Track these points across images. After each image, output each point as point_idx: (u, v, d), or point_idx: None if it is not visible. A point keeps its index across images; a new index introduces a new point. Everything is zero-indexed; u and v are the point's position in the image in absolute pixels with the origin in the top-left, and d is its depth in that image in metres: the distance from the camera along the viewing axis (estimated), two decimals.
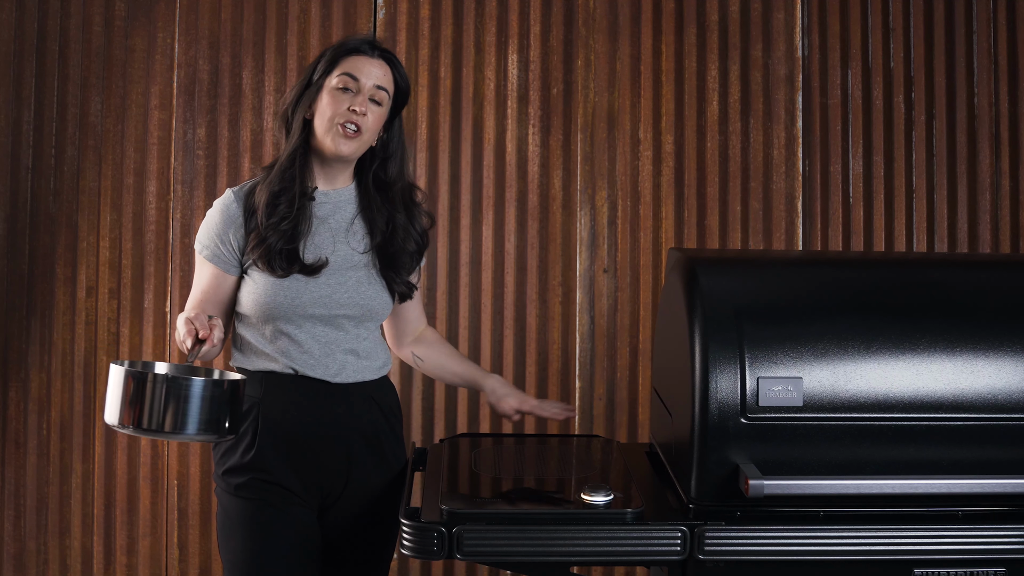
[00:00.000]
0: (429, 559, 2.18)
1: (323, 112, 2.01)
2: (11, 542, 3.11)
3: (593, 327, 3.15)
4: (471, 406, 3.14)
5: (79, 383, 3.10)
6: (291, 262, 1.99)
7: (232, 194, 2.05)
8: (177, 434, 1.67)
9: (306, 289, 1.99)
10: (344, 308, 2.03)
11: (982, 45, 3.16)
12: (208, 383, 1.68)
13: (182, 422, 1.65)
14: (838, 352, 1.75)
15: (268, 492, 1.97)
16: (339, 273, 2.03)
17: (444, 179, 3.14)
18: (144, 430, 1.65)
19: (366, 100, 2.01)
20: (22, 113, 3.09)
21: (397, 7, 3.14)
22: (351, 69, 2.01)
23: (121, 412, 1.65)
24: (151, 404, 1.64)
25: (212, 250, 2.02)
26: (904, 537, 1.72)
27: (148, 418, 1.64)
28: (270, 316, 2.00)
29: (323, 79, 2.02)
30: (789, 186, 3.16)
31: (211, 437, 1.72)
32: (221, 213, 2.04)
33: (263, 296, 1.99)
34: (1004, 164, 3.15)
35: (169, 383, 1.65)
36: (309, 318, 2.00)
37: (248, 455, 1.97)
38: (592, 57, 3.16)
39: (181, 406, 1.65)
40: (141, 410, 1.64)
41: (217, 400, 1.68)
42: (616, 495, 1.80)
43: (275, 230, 1.98)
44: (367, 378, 2.06)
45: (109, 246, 3.10)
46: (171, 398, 1.64)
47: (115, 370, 1.67)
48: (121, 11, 3.10)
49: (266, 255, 1.98)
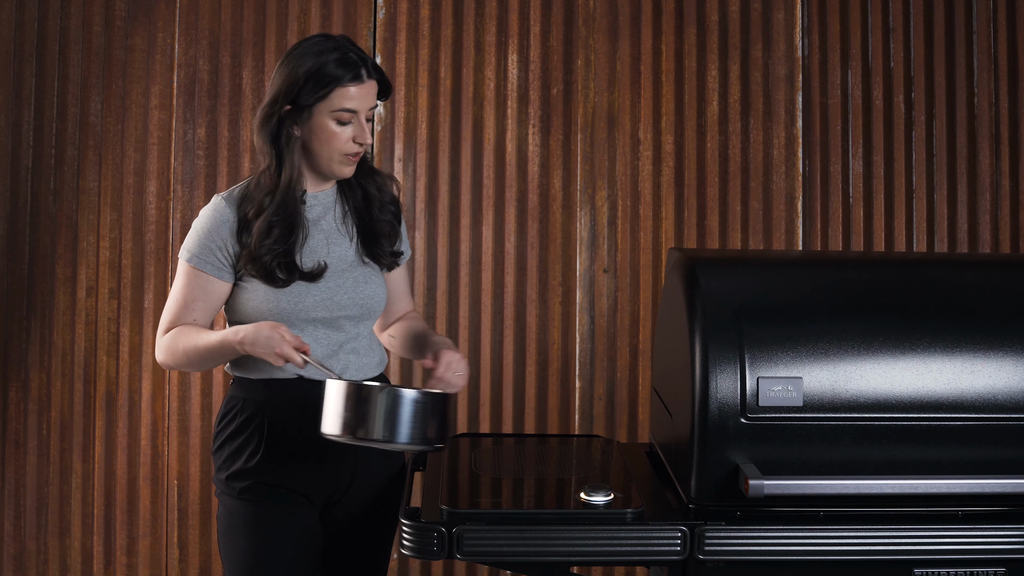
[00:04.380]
0: (429, 559, 2.18)
1: (325, 143, 1.94)
2: (11, 542, 3.11)
3: (593, 327, 3.15)
4: (471, 406, 3.14)
5: (79, 383, 3.10)
6: (290, 272, 1.95)
7: (223, 201, 1.98)
8: (390, 443, 1.80)
9: (308, 294, 1.98)
10: (345, 309, 2.02)
11: (982, 45, 3.16)
12: (419, 395, 1.81)
13: (394, 432, 1.78)
14: (838, 352, 1.75)
15: (273, 495, 1.97)
16: (338, 275, 2.02)
17: (444, 179, 3.14)
18: (360, 439, 1.79)
19: (365, 126, 1.95)
20: (22, 113, 3.09)
21: (397, 7, 3.14)
22: (348, 103, 1.92)
23: (342, 423, 1.78)
24: (368, 415, 1.78)
25: (204, 257, 1.96)
26: (904, 537, 1.72)
27: (366, 428, 1.78)
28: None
29: (316, 104, 1.92)
30: (789, 186, 3.16)
31: (419, 446, 1.83)
32: (212, 220, 1.97)
33: (264, 303, 1.96)
34: (1004, 164, 3.15)
35: (386, 395, 1.78)
36: (311, 322, 1.99)
37: (254, 460, 1.96)
38: (592, 57, 3.16)
39: (394, 416, 1.78)
40: (358, 420, 1.78)
41: (425, 411, 1.81)
42: (616, 495, 1.80)
43: (270, 250, 1.94)
44: (368, 376, 2.06)
45: (109, 246, 3.10)
46: (386, 409, 1.78)
47: (334, 384, 1.80)
48: (121, 11, 3.10)
49: (263, 270, 1.94)
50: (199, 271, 1.97)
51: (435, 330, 2.57)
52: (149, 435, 3.11)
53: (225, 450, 2.01)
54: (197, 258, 1.97)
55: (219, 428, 2.03)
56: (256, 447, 1.97)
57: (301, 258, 1.98)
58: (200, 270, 1.97)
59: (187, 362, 1.97)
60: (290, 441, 1.98)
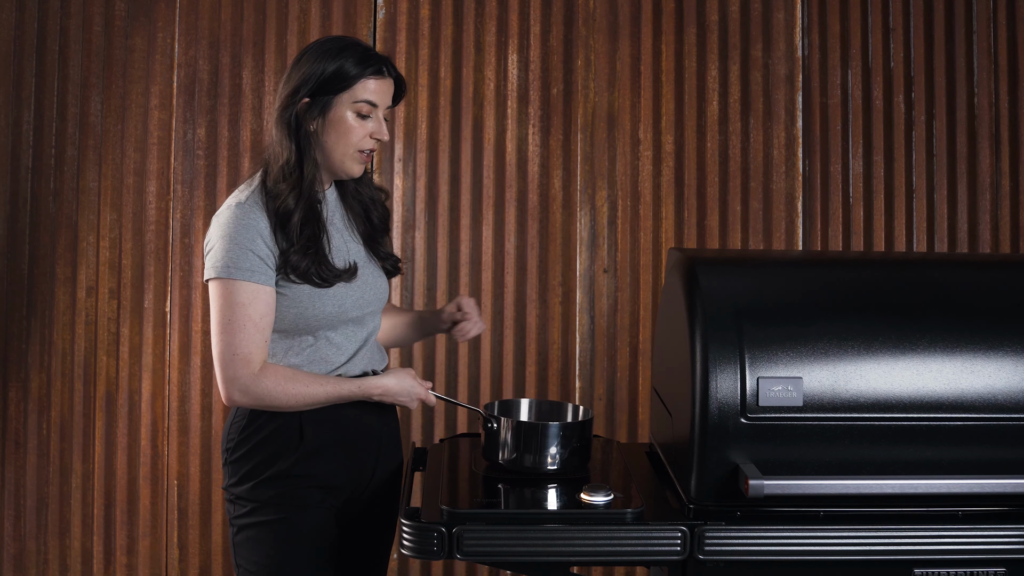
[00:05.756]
0: (429, 559, 2.18)
1: (342, 136, 1.92)
2: (11, 542, 3.11)
3: (593, 327, 3.15)
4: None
5: (79, 383, 3.10)
6: (332, 272, 1.92)
7: (248, 206, 1.89)
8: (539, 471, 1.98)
9: (347, 294, 1.96)
10: (371, 305, 2.03)
11: (982, 45, 3.16)
12: (561, 426, 1.99)
13: (543, 461, 1.97)
14: (838, 352, 1.75)
15: (302, 498, 1.93)
16: (363, 272, 2.02)
17: (444, 179, 3.14)
18: (515, 465, 1.98)
19: (383, 123, 1.96)
20: (22, 113, 3.09)
21: (397, 7, 3.14)
22: (373, 97, 1.93)
23: (501, 454, 1.99)
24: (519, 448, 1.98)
25: (254, 268, 1.86)
26: (904, 537, 1.72)
27: (517, 459, 1.98)
28: (315, 327, 1.94)
29: (338, 95, 1.91)
30: (789, 186, 3.16)
31: (560, 470, 1.99)
32: (247, 228, 1.86)
33: (309, 309, 1.92)
34: (1004, 164, 3.15)
35: (534, 429, 1.98)
36: (347, 322, 1.98)
37: (288, 461, 1.92)
38: (592, 57, 3.16)
39: (541, 447, 1.97)
40: (512, 451, 1.99)
41: (568, 437, 1.99)
42: (616, 495, 1.80)
43: (307, 248, 1.90)
44: (379, 367, 2.07)
45: (109, 246, 3.10)
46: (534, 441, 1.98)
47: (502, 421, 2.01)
48: (121, 11, 3.10)
49: (305, 272, 1.89)
50: (255, 284, 1.86)
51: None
52: (149, 435, 3.11)
53: (256, 456, 1.93)
54: (247, 271, 1.85)
55: (242, 436, 1.95)
56: (295, 447, 1.92)
57: (332, 258, 1.96)
58: (256, 283, 1.86)
59: (287, 405, 1.90)
60: (329, 442, 1.96)
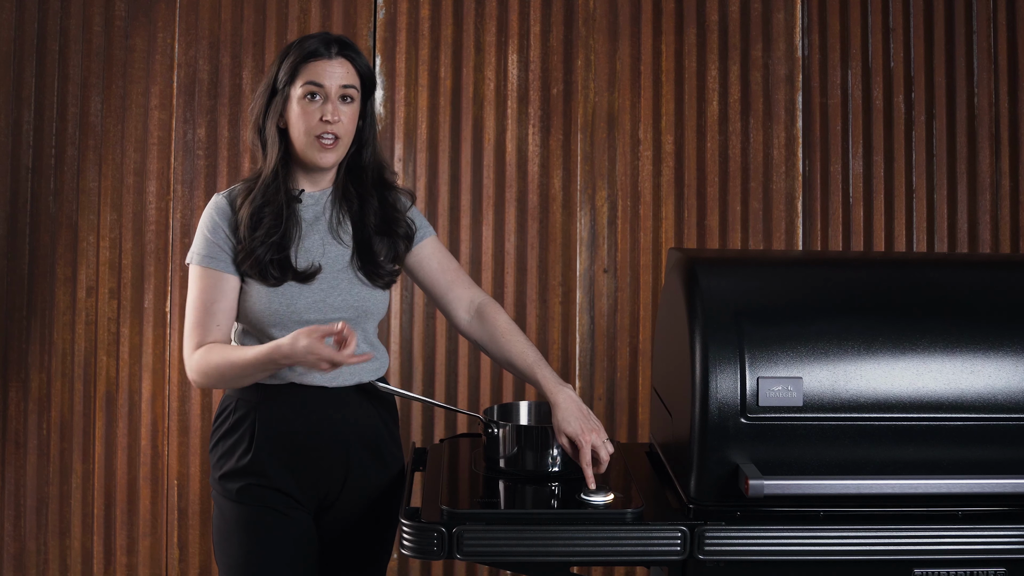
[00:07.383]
0: (429, 559, 2.18)
1: (296, 124, 1.97)
2: (11, 542, 3.11)
3: (593, 327, 3.15)
4: (471, 406, 3.14)
5: (79, 383, 3.10)
6: (284, 271, 1.95)
7: (221, 197, 2.01)
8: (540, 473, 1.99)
9: (300, 295, 1.97)
10: (339, 311, 2.00)
11: (982, 45, 3.16)
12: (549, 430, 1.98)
13: (544, 463, 1.98)
14: (838, 352, 1.75)
15: (265, 497, 1.96)
16: (332, 276, 2.00)
17: (444, 179, 3.14)
18: (516, 468, 1.99)
19: (336, 106, 1.96)
20: (22, 113, 3.09)
21: (397, 7, 3.14)
22: (314, 76, 1.96)
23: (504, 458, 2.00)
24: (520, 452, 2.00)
25: (212, 255, 1.96)
26: (904, 537, 1.72)
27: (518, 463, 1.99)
28: (265, 324, 1.96)
29: (288, 88, 1.97)
30: (789, 186, 3.16)
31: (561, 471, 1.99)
32: (213, 217, 1.99)
33: (257, 305, 1.96)
34: (1004, 164, 3.15)
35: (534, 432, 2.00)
36: (304, 324, 1.96)
37: (245, 459, 1.96)
38: (592, 57, 3.16)
39: (542, 450, 1.99)
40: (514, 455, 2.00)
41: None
42: (616, 495, 1.80)
43: (262, 243, 1.94)
44: (364, 379, 2.04)
45: (109, 246, 3.10)
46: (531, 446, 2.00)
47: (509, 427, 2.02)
48: (121, 11, 3.10)
49: (257, 266, 1.94)
50: (210, 270, 1.96)
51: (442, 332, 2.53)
52: (149, 435, 3.10)
53: (219, 449, 2.01)
54: (206, 257, 1.96)
55: (214, 427, 2.04)
56: (247, 447, 1.97)
57: (296, 257, 1.98)
58: (211, 268, 1.96)
59: (221, 380, 1.94)
60: (280, 443, 1.97)
